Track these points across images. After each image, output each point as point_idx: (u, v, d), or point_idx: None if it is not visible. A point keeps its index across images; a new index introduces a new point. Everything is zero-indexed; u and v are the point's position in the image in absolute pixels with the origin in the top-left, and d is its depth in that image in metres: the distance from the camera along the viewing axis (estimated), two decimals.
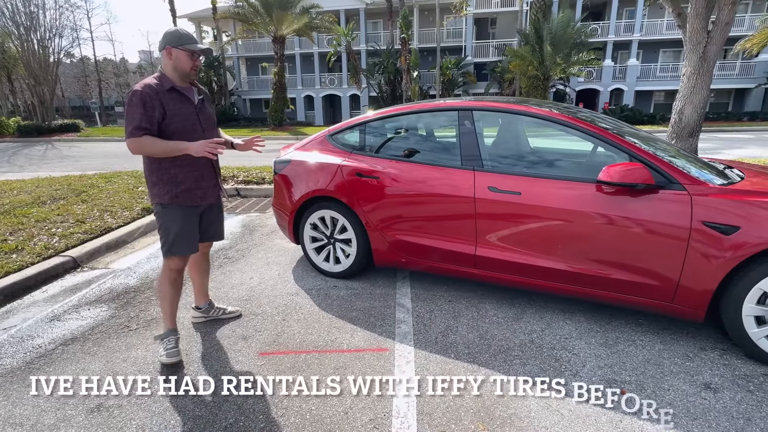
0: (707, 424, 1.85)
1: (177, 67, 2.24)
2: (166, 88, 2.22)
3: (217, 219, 2.60)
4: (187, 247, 2.38)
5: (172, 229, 2.33)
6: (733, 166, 2.94)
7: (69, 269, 3.71)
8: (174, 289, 2.42)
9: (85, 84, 40.65)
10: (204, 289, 2.78)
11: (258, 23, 21.69)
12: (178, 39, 2.21)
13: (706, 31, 5.72)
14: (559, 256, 2.56)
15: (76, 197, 5.73)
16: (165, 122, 2.20)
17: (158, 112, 2.17)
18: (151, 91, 2.16)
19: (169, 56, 2.23)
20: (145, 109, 2.13)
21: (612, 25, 25.01)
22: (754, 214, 2.11)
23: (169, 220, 2.33)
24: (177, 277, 2.42)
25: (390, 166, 3.08)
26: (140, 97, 2.13)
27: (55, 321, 2.84)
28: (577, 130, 2.60)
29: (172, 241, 2.34)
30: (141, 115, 2.12)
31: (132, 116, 2.13)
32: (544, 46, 18.32)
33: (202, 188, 2.39)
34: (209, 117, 2.43)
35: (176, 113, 2.23)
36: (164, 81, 2.23)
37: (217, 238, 2.67)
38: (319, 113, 29.88)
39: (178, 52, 2.21)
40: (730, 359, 2.29)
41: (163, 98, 2.19)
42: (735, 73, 24.27)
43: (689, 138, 6.12)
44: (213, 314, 2.82)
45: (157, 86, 2.20)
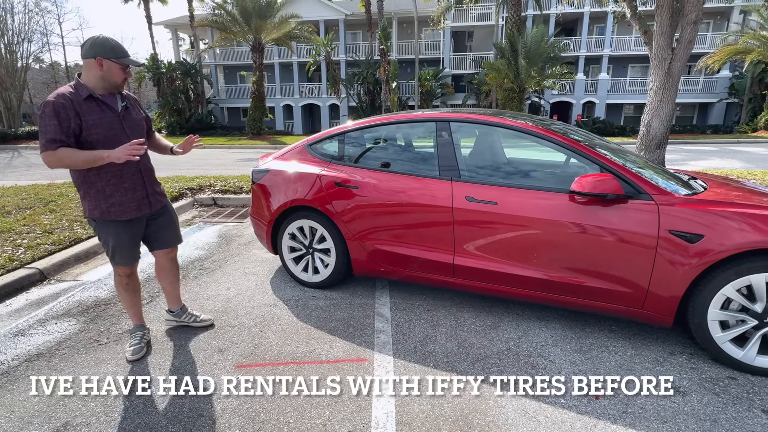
0: (676, 426, 1.91)
1: (106, 77, 2.17)
2: (83, 96, 2.12)
3: (168, 225, 2.55)
4: (126, 259, 2.41)
5: (109, 243, 2.34)
6: (697, 177, 3.08)
7: (35, 282, 3.57)
8: (128, 292, 2.51)
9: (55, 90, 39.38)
10: (174, 294, 2.75)
11: (236, 32, 21.54)
12: (111, 51, 2.14)
13: (671, 48, 6.00)
14: (534, 265, 2.62)
15: (43, 207, 5.53)
16: (84, 134, 2.12)
17: (74, 122, 2.08)
18: (65, 101, 2.07)
19: (99, 66, 2.14)
20: (59, 119, 2.03)
21: (584, 40, 25.93)
22: (716, 223, 2.21)
23: (104, 234, 2.33)
24: (128, 281, 2.48)
25: (369, 176, 3.10)
26: (53, 108, 2.03)
27: (20, 336, 2.72)
28: (550, 141, 2.67)
29: (112, 254, 2.38)
30: (54, 126, 2.02)
31: (45, 128, 2.03)
32: (519, 60, 18.82)
33: (134, 200, 2.32)
34: (136, 124, 2.34)
35: (95, 123, 2.14)
36: (81, 89, 2.13)
37: (173, 244, 2.61)
38: (299, 122, 29.78)
39: (110, 63, 2.15)
40: (697, 363, 2.37)
41: (80, 108, 2.10)
42: (698, 88, 25.46)
43: (657, 150, 6.38)
44: (185, 319, 2.78)
45: (71, 95, 2.10)
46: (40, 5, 31.47)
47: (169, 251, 2.63)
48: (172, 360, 2.45)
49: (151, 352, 2.53)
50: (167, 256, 2.62)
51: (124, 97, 2.31)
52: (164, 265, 2.63)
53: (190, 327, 2.79)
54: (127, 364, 2.41)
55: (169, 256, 2.63)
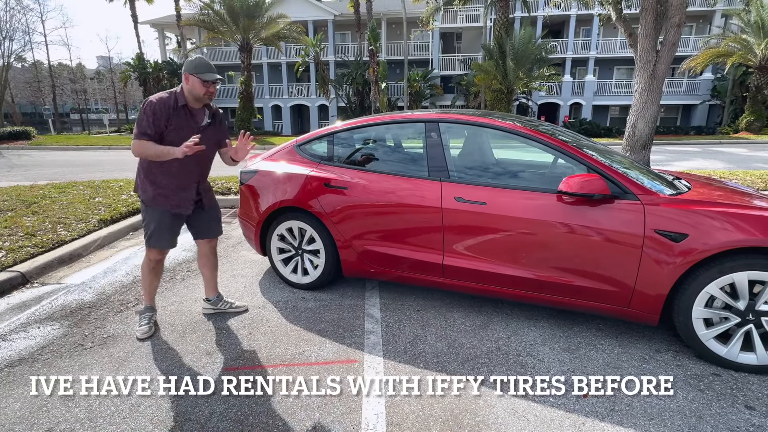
0: (663, 423, 1.93)
1: (192, 91, 2.50)
2: (179, 104, 2.50)
3: (209, 219, 2.85)
4: (161, 244, 2.67)
5: (151, 226, 2.63)
6: (681, 177, 3.13)
7: (17, 285, 3.49)
8: (152, 275, 2.77)
9: (38, 89, 38.60)
10: (213, 282, 3.00)
11: (224, 32, 21.36)
12: (194, 68, 2.48)
13: (656, 51, 6.11)
14: (523, 264, 2.64)
15: (26, 209, 5.41)
16: (165, 132, 2.47)
17: (163, 123, 2.45)
18: (162, 105, 2.45)
19: (186, 81, 2.50)
20: (154, 118, 2.42)
21: (570, 42, 26.25)
22: (700, 222, 2.24)
23: (149, 217, 2.63)
24: (155, 266, 2.75)
25: (358, 176, 3.09)
26: (153, 108, 2.42)
27: (0, 341, 2.65)
28: (538, 142, 2.70)
29: (150, 235, 2.65)
30: (149, 122, 2.41)
31: (141, 122, 2.42)
32: (507, 61, 18.99)
33: (179, 198, 2.62)
34: (209, 138, 2.63)
35: (177, 127, 2.49)
36: (179, 98, 2.51)
37: (213, 235, 2.91)
38: (287, 123, 29.63)
39: (193, 78, 2.48)
40: (682, 360, 2.41)
41: (171, 112, 2.47)
42: (682, 90, 25.96)
43: (642, 150, 6.48)
44: (221, 307, 3.01)
45: (169, 101, 2.48)
46: (21, 3, 30.86)
47: (211, 240, 2.92)
48: (160, 363, 2.42)
49: (144, 352, 2.49)
50: (209, 244, 2.92)
51: (212, 114, 2.67)
52: (205, 252, 2.93)
53: (188, 322, 2.88)
54: (116, 362, 2.36)
55: (210, 245, 2.93)
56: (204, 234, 2.86)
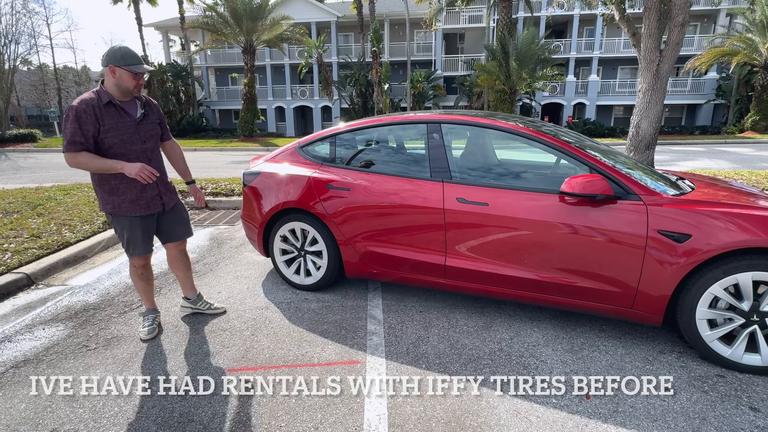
0: (666, 425, 1.92)
1: (120, 84, 2.36)
2: (103, 102, 2.33)
3: (178, 220, 2.77)
4: (139, 250, 2.61)
5: (124, 235, 2.57)
6: (684, 177, 3.11)
7: (22, 287, 3.52)
8: (142, 281, 2.74)
9: (43, 92, 38.93)
10: (188, 282, 2.96)
11: (228, 34, 21.44)
12: (121, 59, 2.31)
13: (659, 50, 6.08)
14: (526, 265, 2.63)
15: (31, 210, 5.45)
16: (100, 136, 2.33)
17: (93, 126, 2.29)
18: (86, 106, 2.27)
19: (112, 74, 2.34)
20: (79, 123, 2.25)
21: (573, 42, 26.17)
22: (703, 222, 2.23)
23: (119, 227, 2.56)
24: (143, 272, 2.71)
25: (360, 178, 3.10)
26: (75, 113, 2.25)
27: (6, 342, 2.67)
28: (541, 143, 2.69)
29: (126, 245, 2.60)
30: (75, 129, 2.24)
31: (67, 131, 2.25)
32: (510, 62, 18.94)
33: (144, 198, 2.53)
34: (149, 129, 2.54)
35: (111, 127, 2.35)
36: (102, 95, 2.34)
37: (183, 237, 2.83)
38: (291, 124, 29.70)
39: (121, 71, 2.32)
40: (686, 361, 2.40)
41: (99, 113, 2.31)
42: (686, 89, 25.80)
43: (646, 151, 6.45)
44: (200, 306, 2.99)
45: (93, 101, 2.31)
46: (27, 6, 31.09)
47: (180, 244, 2.85)
48: (164, 364, 2.43)
49: (148, 353, 2.51)
50: (178, 248, 2.85)
51: (144, 104, 2.53)
52: (175, 256, 2.86)
53: (192, 323, 2.87)
54: (120, 363, 2.38)
55: (179, 248, 2.85)
56: (172, 237, 2.77)
